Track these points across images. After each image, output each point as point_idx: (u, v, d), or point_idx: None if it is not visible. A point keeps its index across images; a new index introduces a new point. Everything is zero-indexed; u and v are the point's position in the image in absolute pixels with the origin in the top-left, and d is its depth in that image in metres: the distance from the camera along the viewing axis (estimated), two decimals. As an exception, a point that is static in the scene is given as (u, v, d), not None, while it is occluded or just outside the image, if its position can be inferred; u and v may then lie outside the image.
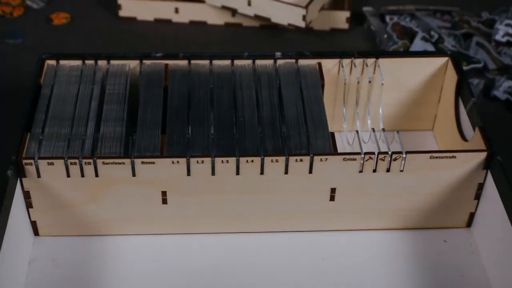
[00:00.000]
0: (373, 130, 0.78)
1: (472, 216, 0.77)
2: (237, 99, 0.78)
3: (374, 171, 0.72)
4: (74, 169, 0.70)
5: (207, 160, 0.70)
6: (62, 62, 0.81)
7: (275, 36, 1.04)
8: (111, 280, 0.72)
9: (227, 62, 0.81)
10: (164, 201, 0.73)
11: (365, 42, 1.04)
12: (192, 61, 0.81)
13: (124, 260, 0.74)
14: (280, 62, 0.81)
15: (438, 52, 0.96)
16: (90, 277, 0.72)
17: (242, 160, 0.70)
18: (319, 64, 0.81)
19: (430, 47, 1.00)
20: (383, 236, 0.77)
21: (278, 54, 0.82)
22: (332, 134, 0.74)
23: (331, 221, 0.76)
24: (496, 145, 0.72)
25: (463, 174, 0.73)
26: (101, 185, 0.71)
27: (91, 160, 0.70)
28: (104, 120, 0.75)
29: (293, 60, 0.82)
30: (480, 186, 0.74)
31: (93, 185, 0.71)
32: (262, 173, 0.71)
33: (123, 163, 0.70)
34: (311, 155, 0.70)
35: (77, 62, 0.81)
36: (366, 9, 1.07)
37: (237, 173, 0.71)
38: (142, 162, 0.70)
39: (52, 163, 0.70)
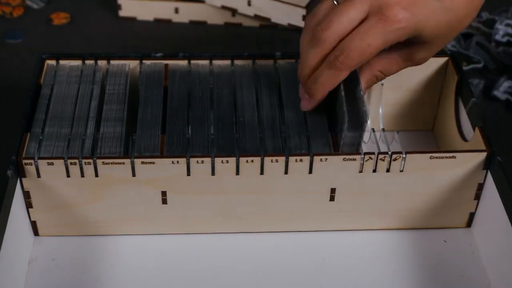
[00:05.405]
0: (373, 130, 0.78)
1: (472, 216, 0.77)
2: (237, 99, 0.78)
3: (374, 171, 0.72)
4: (74, 169, 0.70)
5: (207, 160, 0.70)
6: (62, 62, 0.81)
7: (275, 36, 1.04)
8: (111, 280, 0.72)
9: (227, 62, 0.81)
10: (164, 201, 0.73)
11: (365, 42, 1.03)
12: (192, 61, 0.81)
13: (124, 260, 0.74)
14: (280, 62, 0.82)
15: (438, 52, 0.96)
16: (90, 277, 0.72)
17: (242, 160, 0.70)
18: (319, 64, 0.81)
19: (430, 47, 0.99)
20: (383, 236, 0.76)
21: (278, 54, 0.82)
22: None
23: (331, 221, 0.76)
24: (496, 145, 0.72)
25: (463, 174, 0.73)
26: (101, 185, 0.71)
27: (91, 160, 0.70)
28: (104, 120, 0.75)
29: (293, 60, 0.82)
30: (480, 186, 0.74)
31: (93, 185, 0.71)
32: (262, 173, 0.71)
33: (123, 163, 0.70)
34: (311, 155, 0.70)
35: (77, 62, 0.81)
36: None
37: (237, 173, 0.71)
38: (142, 162, 0.70)
39: (52, 163, 0.70)
